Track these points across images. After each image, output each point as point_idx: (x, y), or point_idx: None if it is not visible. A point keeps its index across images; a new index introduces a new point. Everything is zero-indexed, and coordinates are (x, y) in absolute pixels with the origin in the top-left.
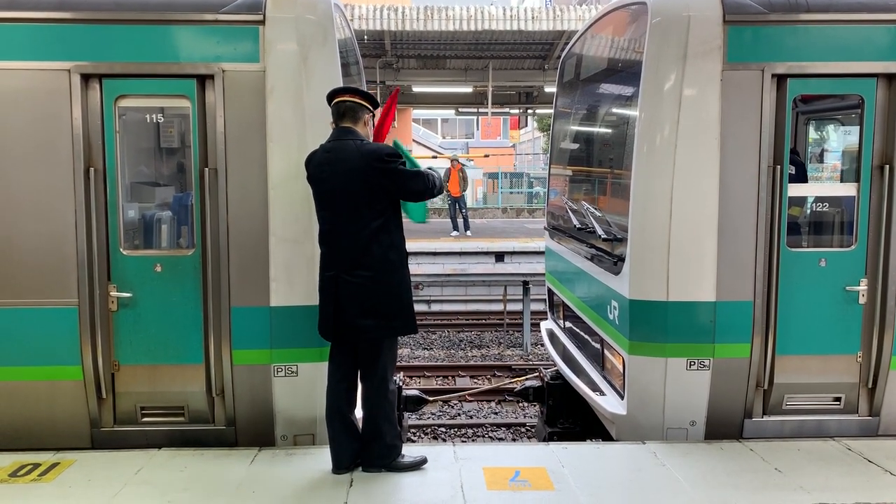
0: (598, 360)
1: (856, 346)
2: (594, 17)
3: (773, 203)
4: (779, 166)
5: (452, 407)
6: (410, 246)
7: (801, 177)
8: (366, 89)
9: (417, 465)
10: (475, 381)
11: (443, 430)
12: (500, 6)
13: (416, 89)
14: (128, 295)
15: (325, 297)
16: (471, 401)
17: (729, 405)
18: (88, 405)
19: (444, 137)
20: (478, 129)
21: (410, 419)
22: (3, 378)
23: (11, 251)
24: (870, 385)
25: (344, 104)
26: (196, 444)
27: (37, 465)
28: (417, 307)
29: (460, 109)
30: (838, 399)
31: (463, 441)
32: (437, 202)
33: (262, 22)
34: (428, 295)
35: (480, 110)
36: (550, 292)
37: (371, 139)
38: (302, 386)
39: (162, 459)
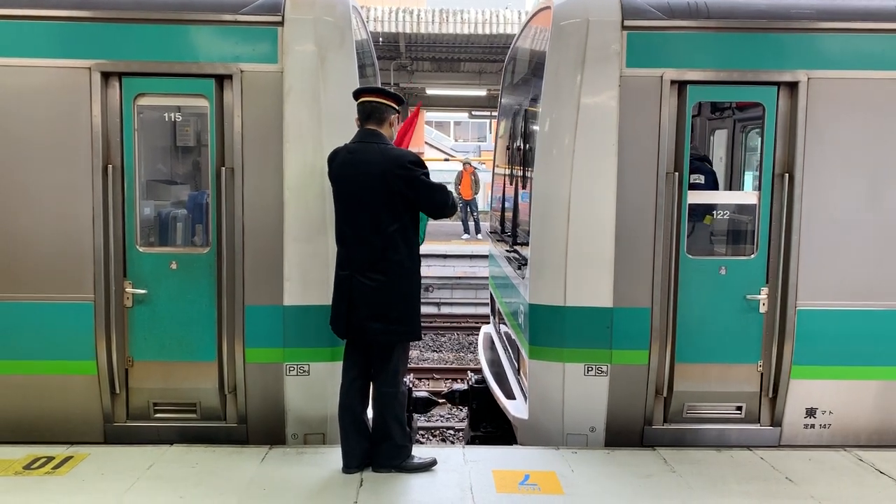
0: (515, 366)
1: (756, 355)
2: (524, 21)
3: (672, 210)
4: (678, 173)
5: (462, 409)
6: (421, 248)
7: (711, 185)
8: None
9: (427, 466)
10: None
11: (451, 432)
12: (514, 10)
13: (429, 92)
14: (143, 291)
15: (338, 294)
16: None
17: (628, 412)
18: (102, 400)
19: (456, 140)
20: (490, 132)
21: (420, 421)
22: (18, 371)
23: (30, 246)
24: (771, 394)
25: (370, 104)
26: (208, 441)
27: (50, 458)
28: (427, 309)
29: (473, 112)
30: (740, 408)
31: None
32: None
33: (281, 23)
34: (438, 298)
35: (493, 114)
36: (492, 297)
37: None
38: (314, 385)
39: (174, 455)
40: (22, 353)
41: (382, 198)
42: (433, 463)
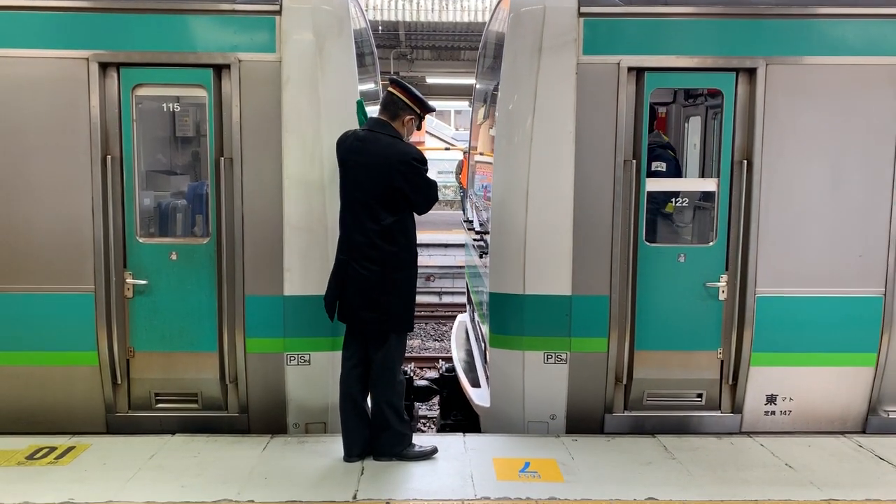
0: (483, 354)
1: (716, 343)
2: (493, 5)
3: (630, 198)
4: (636, 161)
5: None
6: (421, 237)
7: (674, 172)
8: (379, 80)
9: (428, 454)
10: None
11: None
12: None
13: (429, 80)
14: (143, 282)
15: (334, 278)
16: None
17: (589, 400)
18: (104, 390)
19: (457, 129)
20: None
21: (420, 409)
22: (21, 362)
23: (30, 237)
24: (731, 381)
25: (389, 95)
26: (209, 431)
27: (53, 449)
28: (429, 299)
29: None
30: (700, 395)
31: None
32: (450, 194)
33: (279, 12)
34: (439, 287)
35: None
36: (467, 286)
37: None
38: (314, 375)
39: (175, 445)
40: (24, 344)
41: (382, 189)
42: (434, 451)
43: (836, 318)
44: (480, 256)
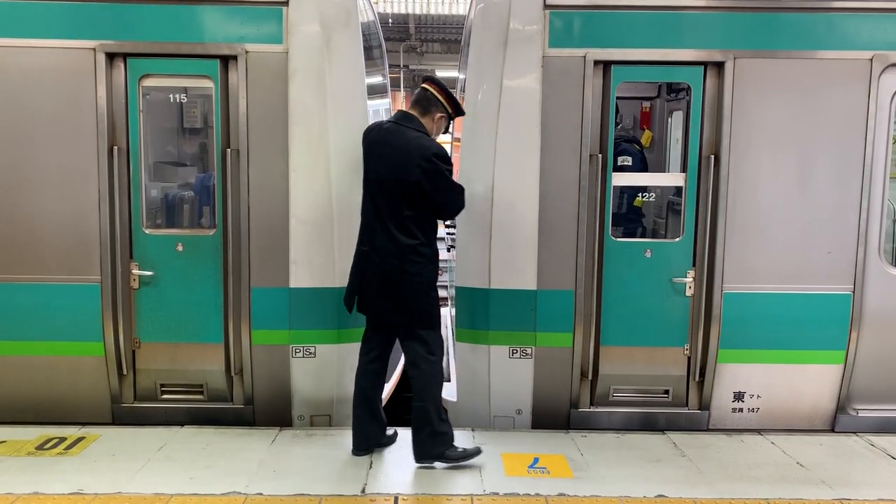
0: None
1: (683, 339)
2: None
3: (595, 193)
4: (601, 155)
5: None
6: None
7: (640, 167)
8: (387, 74)
9: (471, 455)
10: None
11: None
12: None
13: (439, 74)
14: (149, 273)
15: (355, 269)
16: None
17: (554, 395)
18: (110, 381)
19: None
20: None
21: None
22: (28, 352)
23: (36, 228)
24: (698, 378)
25: (422, 91)
26: (214, 422)
27: (63, 439)
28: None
29: None
30: (667, 392)
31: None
32: None
33: (286, 3)
34: (446, 281)
35: None
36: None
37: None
38: (320, 367)
39: (184, 437)
40: (31, 334)
41: (401, 182)
42: (477, 452)
43: (805, 315)
44: (448, 250)
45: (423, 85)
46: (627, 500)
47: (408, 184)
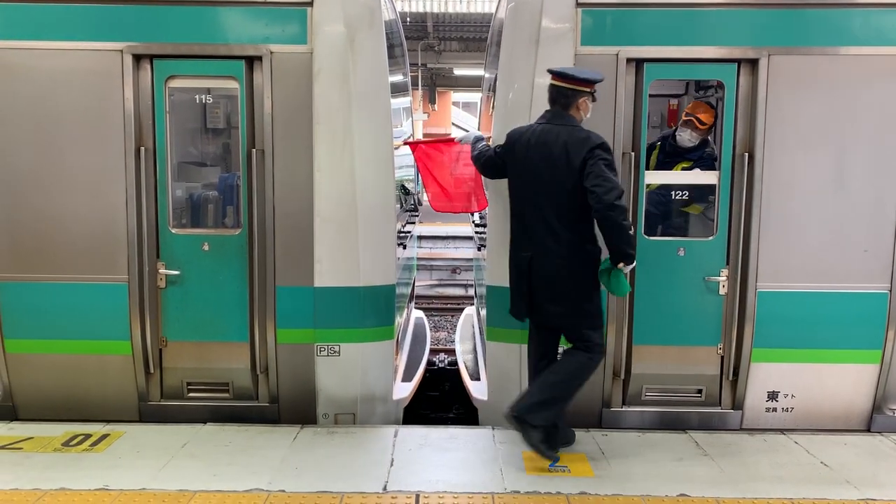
0: (483, 347)
1: (716, 338)
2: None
3: (628, 191)
4: (634, 153)
5: None
6: (447, 230)
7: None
8: (408, 72)
9: (542, 452)
10: None
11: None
12: None
13: (457, 72)
14: (176, 272)
15: (518, 276)
16: None
17: (586, 394)
18: (136, 379)
19: None
20: None
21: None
22: (56, 350)
23: (65, 228)
24: (731, 377)
25: (553, 88)
26: (240, 421)
27: (88, 436)
28: (454, 291)
29: None
30: (700, 391)
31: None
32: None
33: (311, 3)
34: (466, 280)
35: None
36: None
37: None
38: (344, 366)
39: (207, 434)
40: (60, 332)
41: (567, 179)
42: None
43: (840, 315)
44: (479, 249)
45: (551, 82)
46: (649, 498)
47: (572, 174)
